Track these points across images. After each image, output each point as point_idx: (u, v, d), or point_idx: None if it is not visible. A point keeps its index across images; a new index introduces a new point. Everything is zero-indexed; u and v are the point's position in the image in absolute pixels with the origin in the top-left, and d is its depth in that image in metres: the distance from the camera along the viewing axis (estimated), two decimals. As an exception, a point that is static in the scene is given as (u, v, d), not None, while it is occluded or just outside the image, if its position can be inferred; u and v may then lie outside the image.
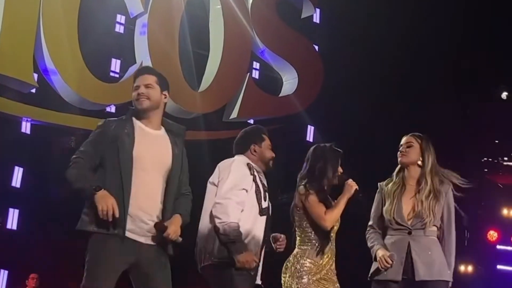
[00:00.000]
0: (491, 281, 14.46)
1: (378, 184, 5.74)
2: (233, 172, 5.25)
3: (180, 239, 4.64)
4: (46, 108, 11.01)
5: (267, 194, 5.36)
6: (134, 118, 4.79)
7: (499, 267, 14.53)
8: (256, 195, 5.25)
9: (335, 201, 5.64)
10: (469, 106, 14.38)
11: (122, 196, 4.51)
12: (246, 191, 5.19)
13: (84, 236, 4.55)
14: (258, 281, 5.38)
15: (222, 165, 5.33)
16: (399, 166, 5.73)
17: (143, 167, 4.60)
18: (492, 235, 14.57)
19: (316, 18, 14.07)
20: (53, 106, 11.05)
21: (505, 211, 14.72)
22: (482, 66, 13.34)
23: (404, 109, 13.02)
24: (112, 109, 11.61)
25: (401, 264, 5.35)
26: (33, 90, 10.91)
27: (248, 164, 5.33)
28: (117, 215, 4.42)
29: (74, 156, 4.69)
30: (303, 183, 5.59)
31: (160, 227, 4.56)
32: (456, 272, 5.90)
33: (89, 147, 4.67)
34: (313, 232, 5.56)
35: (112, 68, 11.77)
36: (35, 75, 10.86)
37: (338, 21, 13.55)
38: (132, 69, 11.73)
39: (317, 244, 5.56)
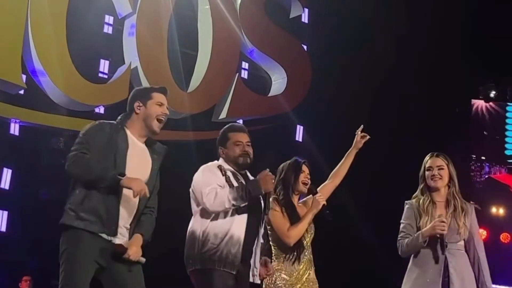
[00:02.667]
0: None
1: (405, 202, 5.77)
2: (203, 174, 5.31)
3: (143, 259, 4.70)
4: (34, 110, 10.98)
5: None
6: (125, 128, 4.80)
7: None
8: None
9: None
10: (458, 105, 14.44)
11: (118, 200, 4.53)
12: (221, 187, 5.23)
13: (66, 230, 4.59)
14: (257, 281, 5.38)
15: (195, 176, 5.36)
16: (423, 184, 5.75)
17: (130, 175, 4.64)
18: (481, 233, 14.61)
19: (305, 18, 14.08)
20: (41, 107, 11.02)
21: (493, 210, 14.78)
22: (471, 64, 13.40)
23: (393, 108, 13.06)
24: (101, 110, 11.59)
25: (438, 280, 5.42)
26: (22, 92, 10.88)
27: (219, 166, 5.36)
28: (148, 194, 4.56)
29: (74, 153, 4.61)
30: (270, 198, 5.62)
31: (120, 248, 4.59)
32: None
33: (87, 147, 4.64)
34: (285, 245, 5.62)
35: (101, 69, 11.74)
36: (24, 77, 10.83)
37: (327, 21, 13.57)
38: (121, 70, 11.72)
39: (291, 256, 5.62)
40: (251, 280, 5.31)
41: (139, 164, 4.75)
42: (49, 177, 11.12)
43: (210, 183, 5.19)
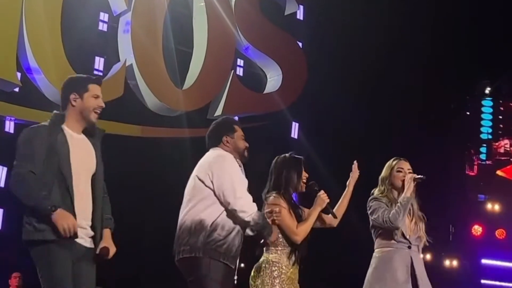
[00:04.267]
0: (475, 275, 14.54)
1: (372, 196, 5.87)
2: (231, 171, 5.24)
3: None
4: (29, 107, 10.97)
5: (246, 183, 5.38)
6: (63, 125, 4.78)
7: (483, 261, 14.60)
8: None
9: (308, 210, 5.71)
10: (453, 101, 14.46)
11: (72, 207, 4.54)
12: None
13: (31, 245, 4.53)
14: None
15: (212, 162, 5.26)
16: (385, 185, 5.85)
17: (77, 173, 4.63)
18: (477, 229, 14.64)
19: (300, 15, 14.08)
20: (36, 105, 11.00)
21: (489, 206, 14.80)
22: (466, 61, 13.42)
23: (388, 105, 13.07)
24: (96, 107, 11.56)
25: (408, 274, 5.57)
26: (17, 89, 10.87)
27: (234, 157, 5.35)
28: (77, 231, 4.48)
29: (18, 170, 4.53)
30: (273, 194, 5.61)
31: (104, 252, 4.64)
32: (441, 267, 6.06)
33: (30, 159, 4.56)
34: (283, 240, 5.63)
35: (96, 67, 11.73)
36: (19, 74, 10.82)
37: (322, 18, 13.58)
38: (116, 67, 11.71)
39: (286, 250, 5.64)
40: None
41: (83, 158, 4.70)
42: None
43: (243, 183, 5.21)
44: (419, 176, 5.78)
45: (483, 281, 14.40)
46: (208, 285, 4.99)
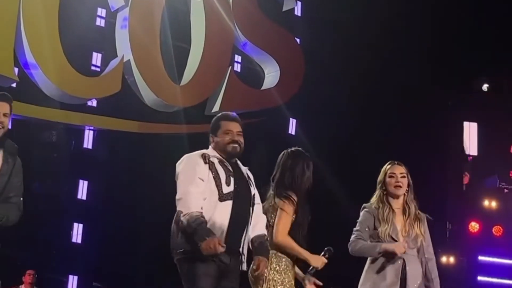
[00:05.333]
0: (472, 272, 14.55)
1: (364, 205, 5.91)
2: (184, 167, 5.30)
3: None
4: (27, 103, 10.95)
5: (231, 179, 5.35)
6: None
7: (480, 258, 14.61)
8: (215, 181, 5.27)
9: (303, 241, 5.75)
10: (450, 98, 14.45)
11: None
12: (202, 180, 5.24)
13: None
14: (244, 268, 5.39)
15: (179, 164, 5.35)
16: (381, 190, 5.90)
17: None
18: (474, 226, 14.64)
19: (298, 11, 14.07)
20: (34, 100, 11.00)
21: (486, 202, 14.79)
22: (463, 58, 13.41)
23: (386, 101, 13.06)
24: (94, 103, 11.57)
25: (397, 278, 5.62)
26: (14, 85, 10.84)
27: (202, 154, 5.37)
28: None
29: None
30: (284, 194, 5.63)
31: None
32: (438, 263, 6.06)
33: None
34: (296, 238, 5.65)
35: (93, 62, 11.72)
36: (16, 70, 10.80)
37: (320, 14, 13.57)
38: (114, 63, 11.69)
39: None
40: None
41: None
42: (41, 170, 11.11)
43: (196, 176, 5.22)
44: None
45: (479, 278, 14.41)
46: (191, 279, 5.07)
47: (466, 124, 14.89)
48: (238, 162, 5.51)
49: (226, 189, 5.29)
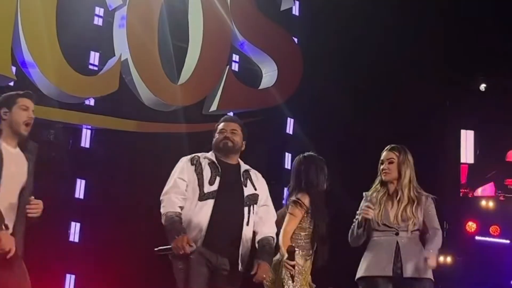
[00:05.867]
0: (469, 272, 14.56)
1: (364, 193, 6.03)
2: (172, 173, 5.55)
3: None
4: (24, 102, 10.92)
5: (217, 178, 5.37)
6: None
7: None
8: (198, 180, 5.32)
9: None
10: (448, 98, 14.47)
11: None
12: (183, 180, 5.33)
13: None
14: (240, 268, 5.39)
15: None
16: (379, 175, 6.06)
17: (5, 184, 4.89)
18: (471, 226, 14.67)
19: (296, 11, 14.07)
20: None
21: (483, 202, 14.81)
22: (461, 57, 13.42)
23: (384, 101, 13.07)
24: (91, 102, 11.56)
25: (390, 261, 5.65)
26: (11, 83, 10.83)
27: (192, 157, 5.48)
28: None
29: None
30: (293, 198, 5.71)
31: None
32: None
33: None
34: (303, 238, 5.68)
35: (91, 61, 11.70)
36: (13, 68, 10.79)
37: (318, 13, 13.56)
38: (111, 62, 11.68)
39: (304, 253, 5.68)
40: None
41: (16, 171, 4.82)
42: (39, 169, 11.08)
43: (175, 177, 5.32)
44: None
45: (476, 278, 14.43)
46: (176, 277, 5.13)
47: (463, 132, 14.92)
48: (241, 163, 5.53)
49: (208, 188, 5.34)
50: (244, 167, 5.64)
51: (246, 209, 5.46)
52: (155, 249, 5.44)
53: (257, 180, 5.64)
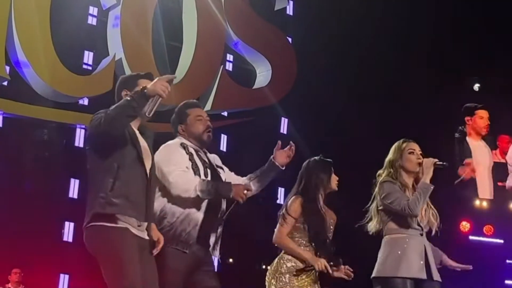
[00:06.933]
0: (463, 271, 14.57)
1: (382, 179, 5.68)
2: (167, 155, 5.25)
3: None
4: (18, 101, 10.94)
5: (208, 171, 5.31)
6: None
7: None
8: (194, 171, 5.23)
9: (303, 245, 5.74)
10: (441, 98, 14.47)
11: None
12: (187, 168, 5.19)
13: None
14: (216, 255, 5.35)
15: (157, 153, 5.21)
16: (394, 168, 5.69)
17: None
18: (465, 225, 14.66)
19: (290, 10, 14.09)
20: (25, 99, 10.97)
21: (477, 202, 14.83)
22: (455, 58, 13.43)
23: (377, 101, 13.08)
24: (85, 101, 11.55)
25: (422, 264, 5.48)
26: (5, 83, 10.83)
27: (182, 144, 5.33)
28: None
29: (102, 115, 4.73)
30: (292, 197, 5.68)
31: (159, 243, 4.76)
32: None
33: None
34: (300, 239, 5.66)
35: (85, 61, 11.71)
36: (7, 68, 10.78)
37: (312, 13, 13.57)
38: (105, 62, 11.68)
39: (306, 245, 5.67)
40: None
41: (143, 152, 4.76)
42: (33, 168, 11.08)
43: (178, 162, 5.16)
44: (441, 162, 5.61)
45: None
46: (161, 272, 4.99)
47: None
48: (206, 150, 5.47)
49: None
50: (209, 154, 5.56)
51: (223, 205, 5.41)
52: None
53: (220, 164, 5.56)
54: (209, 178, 5.21)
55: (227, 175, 5.46)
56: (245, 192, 5.07)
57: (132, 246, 4.47)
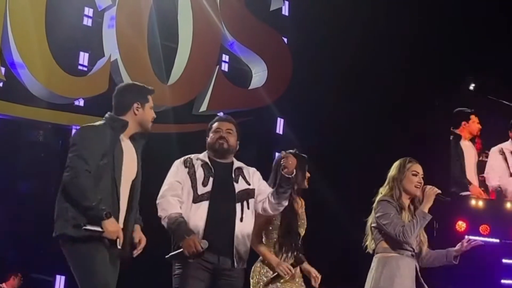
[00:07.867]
0: (459, 271, 14.59)
1: (380, 197, 5.70)
2: (168, 176, 5.60)
3: None
4: (13, 102, 10.91)
5: (210, 179, 5.37)
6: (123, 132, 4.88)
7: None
8: (191, 183, 5.32)
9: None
10: (436, 97, 14.49)
11: (118, 214, 4.78)
12: (179, 182, 5.33)
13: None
14: (235, 265, 5.39)
15: None
16: (395, 186, 5.71)
17: (125, 181, 4.90)
18: (461, 225, 14.69)
19: (285, 11, 14.08)
20: (20, 100, 10.95)
21: (473, 202, 14.85)
22: (450, 57, 13.46)
23: (373, 101, 13.09)
24: (81, 102, 11.54)
25: (414, 284, 5.54)
26: (0, 84, 10.81)
27: (186, 159, 5.50)
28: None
29: (75, 165, 4.69)
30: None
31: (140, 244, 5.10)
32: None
33: (91, 157, 4.69)
34: (275, 240, 5.68)
35: (80, 62, 11.68)
36: (2, 69, 10.76)
37: (307, 14, 13.58)
38: (101, 63, 11.66)
39: (280, 250, 5.68)
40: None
41: (130, 164, 4.85)
42: (28, 170, 11.07)
43: (169, 181, 5.37)
44: (443, 196, 5.64)
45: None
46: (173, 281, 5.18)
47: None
48: (234, 161, 5.53)
49: (202, 190, 5.34)
50: (236, 164, 5.63)
51: (238, 205, 5.44)
52: (166, 256, 5.40)
53: (250, 175, 5.60)
54: (209, 187, 5.32)
55: (256, 186, 5.57)
56: (196, 244, 5.16)
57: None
